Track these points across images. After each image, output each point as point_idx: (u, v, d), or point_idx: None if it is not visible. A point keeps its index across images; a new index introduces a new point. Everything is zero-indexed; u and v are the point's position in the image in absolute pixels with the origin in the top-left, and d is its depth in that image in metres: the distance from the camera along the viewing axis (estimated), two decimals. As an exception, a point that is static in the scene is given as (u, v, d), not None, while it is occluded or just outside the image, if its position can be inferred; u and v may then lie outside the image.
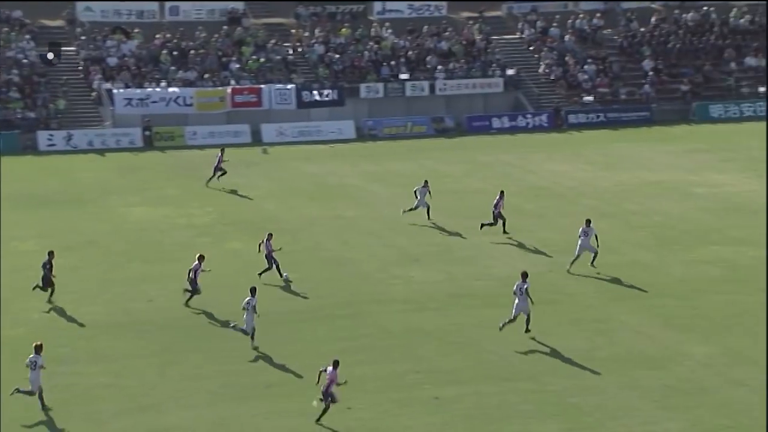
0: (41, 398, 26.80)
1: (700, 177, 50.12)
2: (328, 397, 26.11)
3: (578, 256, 36.44)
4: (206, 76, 63.40)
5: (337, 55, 66.15)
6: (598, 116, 64.88)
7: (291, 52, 66.64)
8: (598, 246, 36.47)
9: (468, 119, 63.92)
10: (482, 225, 41.01)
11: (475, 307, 33.73)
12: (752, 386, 27.66)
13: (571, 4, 73.34)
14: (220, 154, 49.87)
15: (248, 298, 30.48)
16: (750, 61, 68.83)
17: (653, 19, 71.54)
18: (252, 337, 30.55)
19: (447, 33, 68.88)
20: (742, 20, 71.25)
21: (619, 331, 31.71)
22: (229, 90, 62.18)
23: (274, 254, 35.53)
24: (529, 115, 64.58)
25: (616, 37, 70.32)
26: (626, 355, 29.92)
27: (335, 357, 26.65)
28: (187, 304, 33.68)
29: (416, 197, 42.81)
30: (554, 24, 70.44)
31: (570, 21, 70.82)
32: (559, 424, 26.11)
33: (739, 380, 28.08)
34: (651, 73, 67.44)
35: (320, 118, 62.70)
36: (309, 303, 34.42)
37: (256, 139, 60.25)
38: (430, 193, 43.04)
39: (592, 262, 36.57)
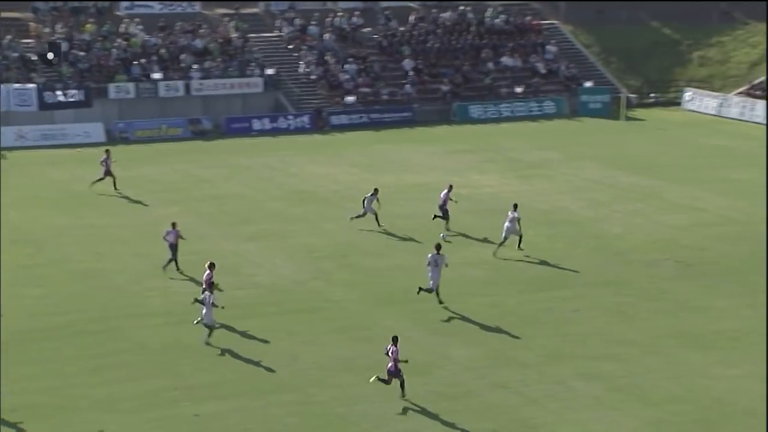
0: None
1: (463, 178, 50.50)
2: (397, 373, 26.95)
3: (505, 239, 38.18)
4: (-69, 75, 59.17)
5: (82, 53, 63.09)
6: (360, 117, 64.66)
7: (32, 50, 63.01)
8: (520, 229, 38.32)
9: (227, 121, 62.35)
10: (435, 216, 41.45)
11: (237, 318, 32.56)
12: (514, 388, 27.85)
13: (329, 2, 72.96)
14: (105, 156, 46.89)
15: (207, 293, 30.54)
16: (507, 61, 70.29)
17: (411, 18, 72.07)
18: (210, 334, 30.41)
19: (202, 30, 67.06)
20: (497, 20, 72.72)
21: (384, 338, 31.11)
22: (-41, 90, 58.08)
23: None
24: (290, 117, 63.61)
25: (375, 36, 70.36)
26: (390, 363, 29.53)
27: (395, 335, 27.62)
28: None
29: (363, 205, 41.52)
30: (313, 22, 69.81)
31: (329, 19, 70.40)
32: (325, 436, 25.57)
33: (501, 382, 28.20)
34: (411, 73, 67.84)
35: (65, 120, 59.43)
36: (56, 320, 32.26)
37: (-7, 144, 56.73)
38: (378, 200, 41.72)
39: (519, 245, 38.35)
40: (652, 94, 70.93)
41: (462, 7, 73.14)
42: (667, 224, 42.52)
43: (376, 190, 42.07)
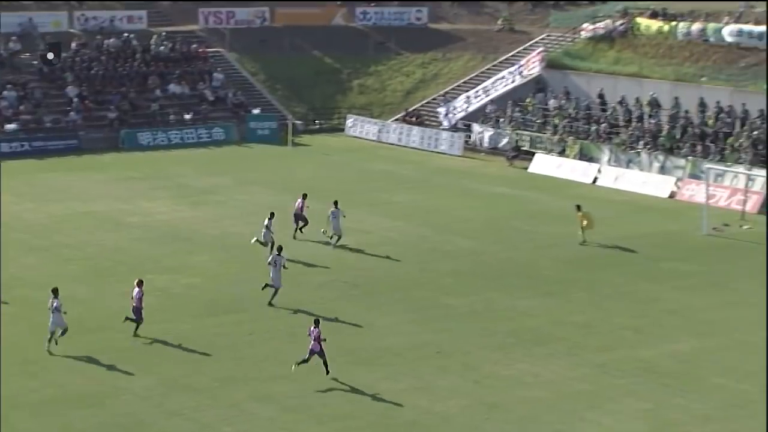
0: None
1: (133, 206, 49.99)
2: (320, 352, 29.59)
3: (338, 236, 42.46)
4: None
5: None
6: (22, 145, 62.48)
7: None
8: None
9: None
10: (296, 230, 43.77)
11: None
12: (188, 415, 27.84)
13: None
14: None
15: (52, 299, 31.48)
16: (174, 88, 70.17)
17: (74, 45, 70.44)
18: (51, 340, 31.43)
19: None
20: (162, 48, 72.45)
21: (51, 371, 30.44)
22: None
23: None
24: (-56, 146, 60.53)
25: (35, 62, 68.23)
26: (61, 396, 28.86)
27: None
28: (136, 334, 32.92)
29: (268, 230, 41.09)
30: (-32, 48, 66.86)
31: (-18, 45, 67.67)
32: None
33: (175, 410, 28.14)
34: (76, 99, 66.31)
35: None
36: None
37: None
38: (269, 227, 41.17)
39: (335, 243, 42.30)
40: (317, 121, 73.03)
41: (126, 34, 72.33)
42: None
43: (272, 213, 41.59)
